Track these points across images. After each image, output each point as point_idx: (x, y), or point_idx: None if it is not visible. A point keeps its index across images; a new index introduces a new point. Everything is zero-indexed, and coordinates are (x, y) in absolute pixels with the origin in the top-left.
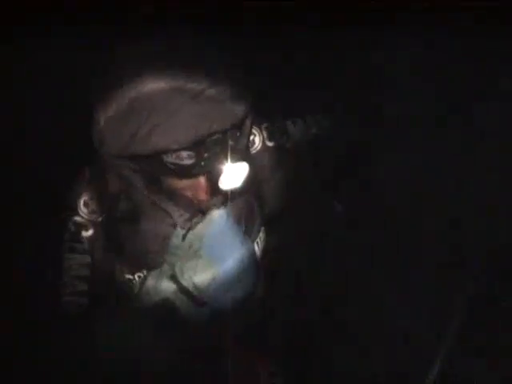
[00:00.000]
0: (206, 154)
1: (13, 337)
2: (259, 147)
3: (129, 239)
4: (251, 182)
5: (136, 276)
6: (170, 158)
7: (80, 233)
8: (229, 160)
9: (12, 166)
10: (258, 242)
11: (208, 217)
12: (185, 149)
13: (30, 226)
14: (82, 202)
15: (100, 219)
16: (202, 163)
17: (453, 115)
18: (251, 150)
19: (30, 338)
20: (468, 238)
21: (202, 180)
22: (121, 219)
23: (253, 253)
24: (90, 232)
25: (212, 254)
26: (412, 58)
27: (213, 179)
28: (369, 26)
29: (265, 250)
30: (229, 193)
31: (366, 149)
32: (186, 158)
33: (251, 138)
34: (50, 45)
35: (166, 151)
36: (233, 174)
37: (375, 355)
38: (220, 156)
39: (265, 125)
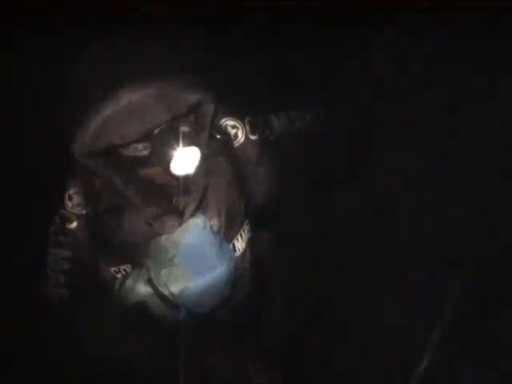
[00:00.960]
0: (158, 143)
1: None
2: (242, 140)
3: (113, 232)
4: (233, 175)
5: (121, 269)
6: (128, 152)
7: (64, 225)
8: (181, 146)
9: (11, 164)
10: (241, 235)
11: (185, 224)
12: (136, 141)
13: (18, 220)
14: (67, 196)
15: (84, 212)
16: (158, 152)
17: (453, 115)
18: (234, 143)
19: (14, 330)
20: (468, 237)
21: (162, 169)
22: (104, 212)
23: (230, 261)
24: (74, 224)
25: (186, 264)
26: (412, 58)
27: (169, 166)
28: (369, 25)
29: (248, 243)
30: (201, 189)
31: (365, 148)
32: (142, 150)
33: (233, 131)
34: (49, 45)
35: (117, 146)
36: (186, 159)
37: (374, 355)
38: (173, 143)
39: (247, 118)
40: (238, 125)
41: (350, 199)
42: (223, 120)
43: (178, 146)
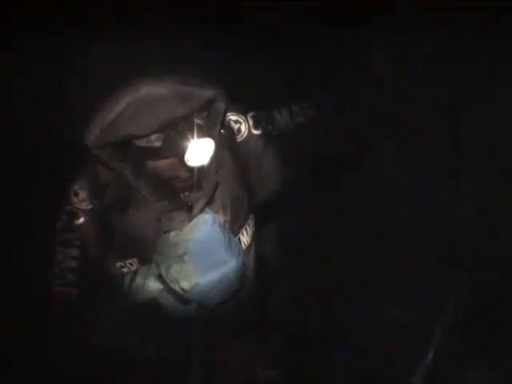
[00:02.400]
0: (172, 134)
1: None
2: (245, 135)
3: (119, 226)
4: (236, 169)
5: (128, 263)
6: (142, 143)
7: (72, 221)
8: (195, 137)
9: (11, 162)
10: (246, 229)
11: (194, 221)
12: (151, 133)
13: (24, 218)
14: (73, 192)
15: (90, 207)
16: (172, 143)
17: (453, 115)
18: (237, 138)
19: (23, 330)
20: (468, 237)
21: (176, 160)
22: (110, 207)
23: (238, 256)
24: (81, 220)
25: (196, 261)
26: (412, 58)
27: (183, 157)
28: (369, 26)
29: (253, 237)
30: (213, 185)
31: (365, 148)
32: (156, 141)
33: (237, 126)
34: (49, 45)
35: (133, 138)
36: (200, 150)
37: (374, 354)
38: (187, 135)
39: (250, 114)
40: (240, 120)
41: (350, 196)
42: (227, 115)
43: (193, 137)
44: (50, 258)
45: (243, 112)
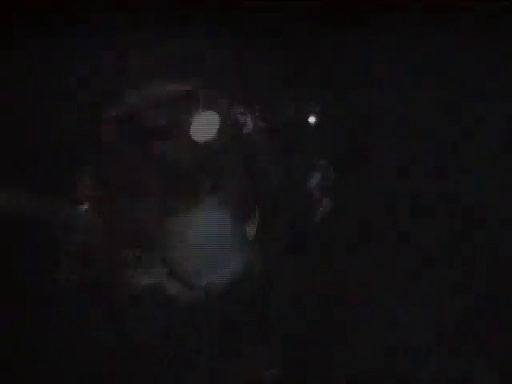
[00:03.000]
0: (177, 110)
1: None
2: (251, 127)
3: (123, 213)
4: (242, 162)
5: (132, 251)
6: (148, 121)
7: (76, 208)
8: (200, 112)
9: (11, 162)
10: (252, 221)
11: (200, 206)
12: (155, 107)
13: (29, 205)
14: (78, 179)
15: (95, 194)
16: (177, 120)
17: (453, 115)
18: (243, 130)
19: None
20: (468, 237)
21: (182, 142)
22: (115, 194)
23: (244, 244)
24: (86, 207)
25: (201, 246)
26: (412, 58)
27: (189, 137)
28: (369, 26)
29: (259, 230)
30: (218, 169)
31: (365, 148)
32: (161, 119)
33: (243, 118)
34: (49, 45)
35: (138, 109)
36: (206, 126)
37: (374, 354)
38: (192, 111)
39: (257, 106)
40: (247, 113)
41: (350, 196)
42: (233, 107)
43: (198, 113)
44: (55, 245)
45: (250, 105)
